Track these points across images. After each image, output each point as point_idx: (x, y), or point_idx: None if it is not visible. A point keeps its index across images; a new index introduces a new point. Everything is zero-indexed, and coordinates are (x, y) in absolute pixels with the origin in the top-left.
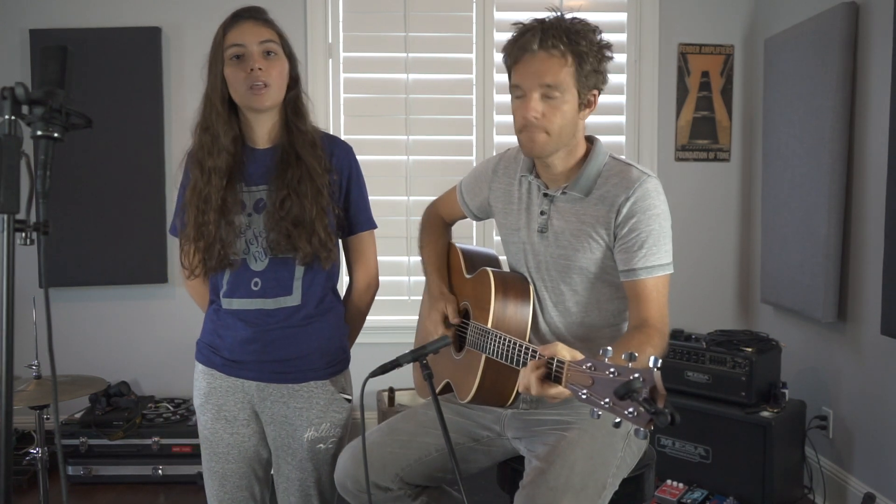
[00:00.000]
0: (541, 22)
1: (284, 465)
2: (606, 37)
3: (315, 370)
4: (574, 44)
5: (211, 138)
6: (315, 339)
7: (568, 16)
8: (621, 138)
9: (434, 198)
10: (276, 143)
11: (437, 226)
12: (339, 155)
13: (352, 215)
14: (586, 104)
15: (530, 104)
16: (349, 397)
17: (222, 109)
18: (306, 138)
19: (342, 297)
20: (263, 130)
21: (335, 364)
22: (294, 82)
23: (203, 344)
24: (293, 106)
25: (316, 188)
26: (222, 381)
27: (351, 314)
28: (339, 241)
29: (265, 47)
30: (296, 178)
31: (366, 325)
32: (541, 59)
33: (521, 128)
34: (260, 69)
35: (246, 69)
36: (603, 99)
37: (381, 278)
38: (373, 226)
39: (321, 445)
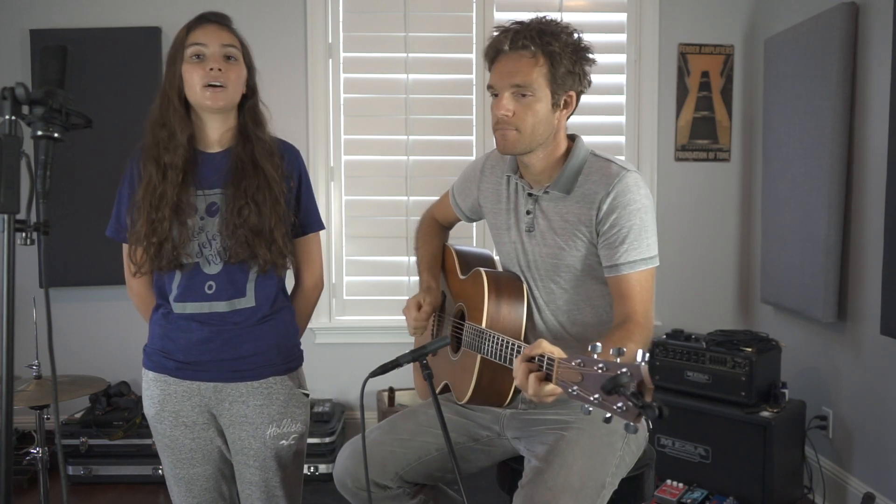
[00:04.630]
0: (518, 23)
1: (246, 469)
2: (606, 37)
3: (273, 366)
4: (546, 44)
5: (167, 134)
6: (272, 336)
7: (547, 17)
8: (621, 138)
9: (434, 198)
10: (227, 148)
11: (432, 227)
12: (289, 159)
13: (302, 218)
14: (563, 105)
15: (501, 102)
16: (307, 392)
17: (179, 107)
18: (265, 146)
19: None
20: (216, 134)
21: (292, 360)
22: (252, 92)
23: (152, 350)
24: (252, 114)
25: (274, 197)
26: (176, 386)
27: (298, 314)
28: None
29: (226, 51)
30: (253, 187)
31: (366, 325)
32: (512, 60)
33: (495, 125)
34: (219, 70)
35: (204, 68)
36: (603, 99)
37: (381, 278)
38: (320, 227)
39: (283, 442)
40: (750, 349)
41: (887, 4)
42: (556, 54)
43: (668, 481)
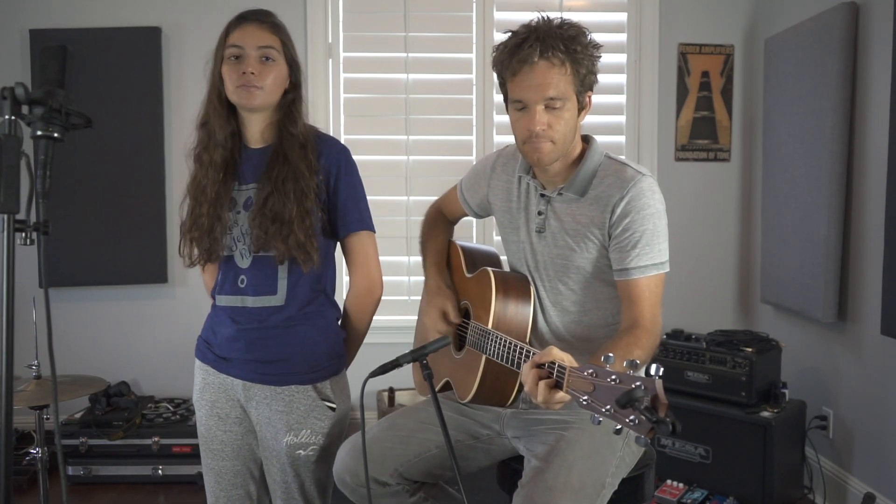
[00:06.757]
0: (534, 30)
1: (271, 467)
2: (606, 37)
3: (297, 374)
4: (572, 51)
5: (207, 134)
6: (298, 343)
7: (556, 19)
8: (621, 138)
9: (434, 197)
10: (269, 144)
11: (438, 222)
12: (327, 154)
13: (340, 215)
14: (583, 107)
15: (536, 117)
16: (333, 405)
17: (219, 106)
18: (296, 140)
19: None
20: (256, 130)
21: (319, 370)
22: (294, 87)
23: (201, 339)
24: (287, 109)
25: (301, 189)
26: (214, 377)
27: (350, 320)
28: (332, 244)
29: (263, 52)
30: (281, 178)
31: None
32: (542, 71)
33: (526, 139)
34: (252, 73)
35: (240, 71)
36: (603, 99)
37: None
38: (365, 227)
39: (300, 452)
40: (750, 349)
41: (887, 4)
42: (581, 59)
43: (669, 481)
